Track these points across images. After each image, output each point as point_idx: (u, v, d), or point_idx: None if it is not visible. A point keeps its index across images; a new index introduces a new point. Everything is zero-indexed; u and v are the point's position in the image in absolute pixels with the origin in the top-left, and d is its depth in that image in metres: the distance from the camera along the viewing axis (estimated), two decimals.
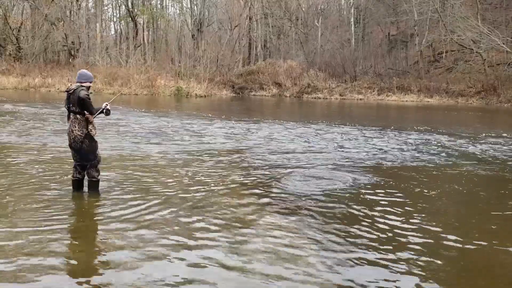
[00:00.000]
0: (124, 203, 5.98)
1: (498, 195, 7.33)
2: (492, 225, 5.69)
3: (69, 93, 6.10)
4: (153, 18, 49.03)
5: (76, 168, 6.35)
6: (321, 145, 11.83)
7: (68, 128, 6.18)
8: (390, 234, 5.19)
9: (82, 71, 6.34)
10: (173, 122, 16.06)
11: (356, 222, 5.55)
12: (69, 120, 6.16)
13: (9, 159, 8.62)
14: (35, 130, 12.96)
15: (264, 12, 50.47)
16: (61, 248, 4.50)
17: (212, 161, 9.17)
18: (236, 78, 41.61)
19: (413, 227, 5.45)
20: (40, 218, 5.29)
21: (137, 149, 10.35)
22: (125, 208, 5.76)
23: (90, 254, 4.49)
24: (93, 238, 4.97)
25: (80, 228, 5.25)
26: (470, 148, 11.93)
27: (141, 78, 31.55)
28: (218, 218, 5.55)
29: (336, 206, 6.21)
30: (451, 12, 40.42)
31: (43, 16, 43.76)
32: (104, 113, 6.35)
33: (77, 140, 6.09)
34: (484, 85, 35.71)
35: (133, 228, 5.08)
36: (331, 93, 38.80)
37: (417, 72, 40.69)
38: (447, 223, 5.72)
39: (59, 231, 4.93)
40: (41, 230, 4.93)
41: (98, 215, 5.64)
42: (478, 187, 7.80)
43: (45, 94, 31.36)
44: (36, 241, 4.60)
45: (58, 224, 5.14)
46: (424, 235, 5.18)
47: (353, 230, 5.26)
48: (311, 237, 5.03)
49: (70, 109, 6.09)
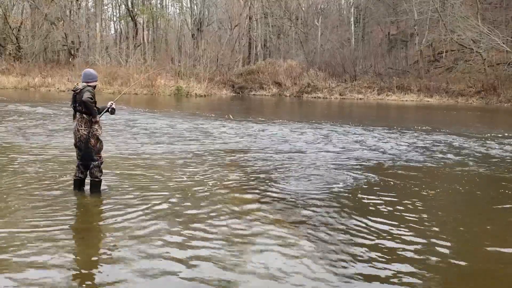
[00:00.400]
0: (125, 202, 5.99)
1: (498, 194, 7.33)
2: (493, 225, 5.70)
3: (75, 93, 6.12)
4: (153, 17, 49.03)
5: (79, 168, 6.36)
6: (322, 145, 11.83)
7: (74, 127, 6.21)
8: (390, 235, 5.19)
9: (88, 71, 6.36)
10: (188, 123, 16.00)
11: (358, 222, 5.56)
12: (75, 119, 6.18)
13: (10, 159, 8.62)
14: (36, 129, 12.95)
15: (264, 12, 50.47)
16: (62, 247, 4.50)
17: (219, 160, 9.18)
18: (236, 78, 41.61)
19: (413, 227, 5.45)
20: (40, 217, 5.30)
21: (154, 149, 10.35)
22: (126, 208, 5.76)
23: (91, 252, 4.50)
24: (94, 237, 4.98)
25: (80, 227, 5.25)
26: (471, 147, 11.93)
27: (143, 75, 31.51)
28: (220, 218, 5.55)
29: (338, 205, 6.22)
30: (451, 12, 40.42)
31: (43, 15, 43.76)
32: (109, 112, 6.38)
33: (83, 139, 6.11)
34: (484, 84, 35.72)
35: (134, 228, 5.09)
36: (331, 92, 38.81)
37: (417, 72, 40.70)
38: (448, 224, 5.72)
39: (59, 230, 4.93)
40: (42, 229, 4.93)
41: (99, 214, 5.65)
42: (479, 186, 7.81)
43: (45, 94, 31.36)
44: (36, 240, 4.61)
45: (58, 223, 5.15)
46: (424, 235, 5.18)
47: (352, 231, 5.27)
48: (313, 240, 5.04)
49: (77, 109, 6.12)
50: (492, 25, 37.20)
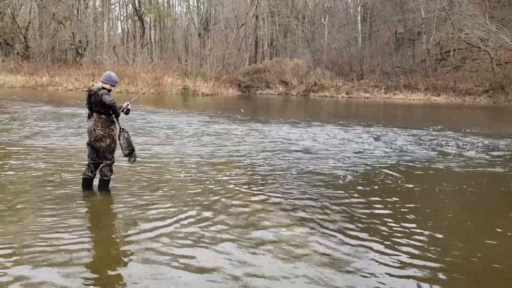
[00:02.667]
0: (134, 201, 6.02)
1: (508, 192, 7.29)
2: (501, 226, 5.67)
3: (90, 94, 6.15)
4: (159, 16, 49.13)
5: (89, 166, 6.40)
6: (331, 144, 11.82)
7: (89, 126, 6.24)
8: (396, 233, 5.19)
9: (109, 73, 6.36)
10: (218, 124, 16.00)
11: (363, 221, 5.56)
12: (90, 119, 6.22)
13: (20, 157, 8.68)
14: (45, 129, 13.03)
15: (270, 10, 50.45)
16: (69, 245, 4.53)
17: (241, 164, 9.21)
18: (243, 77, 41.62)
19: (420, 225, 5.44)
20: (48, 215, 5.33)
21: (163, 149, 10.39)
22: (136, 207, 5.79)
23: (99, 251, 4.52)
24: (102, 236, 5.00)
25: (88, 225, 5.29)
26: (486, 146, 11.86)
27: (154, 83, 31.72)
28: (228, 216, 5.57)
29: (339, 204, 6.23)
30: (458, 10, 40.17)
31: (51, 15, 43.96)
32: (124, 113, 6.43)
33: (98, 138, 6.16)
34: (492, 83, 35.51)
35: (143, 227, 5.11)
36: (338, 91, 38.73)
37: (424, 71, 40.52)
38: (456, 223, 5.71)
39: (68, 228, 4.96)
40: (50, 226, 4.97)
41: (107, 213, 5.69)
42: (488, 186, 7.78)
43: (53, 93, 31.51)
44: (45, 238, 4.65)
45: (66, 221, 5.18)
46: (430, 233, 5.17)
47: (356, 228, 5.27)
48: (320, 241, 5.04)
49: (94, 109, 6.15)
50: (500, 23, 36.94)
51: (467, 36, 37.71)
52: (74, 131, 12.65)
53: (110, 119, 6.25)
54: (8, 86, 34.64)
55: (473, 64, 38.73)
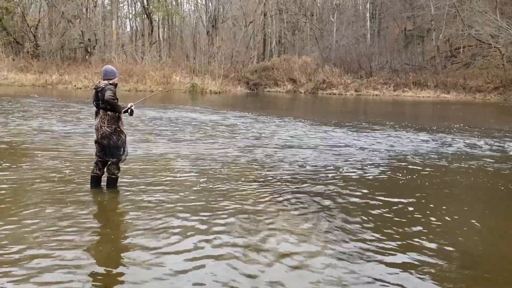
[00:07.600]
0: (142, 198, 6.02)
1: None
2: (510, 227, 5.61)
3: (97, 91, 6.17)
4: (168, 15, 49.26)
5: (97, 164, 6.41)
6: (339, 142, 11.77)
7: (96, 123, 6.25)
8: (403, 232, 5.15)
9: (108, 67, 6.37)
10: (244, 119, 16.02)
11: (370, 219, 5.52)
12: (98, 116, 6.23)
13: (30, 154, 8.73)
14: (56, 125, 13.10)
15: (279, 8, 50.35)
16: (77, 243, 4.53)
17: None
18: (251, 74, 41.60)
19: (428, 224, 5.39)
20: (56, 213, 5.35)
21: (172, 149, 10.41)
22: (143, 206, 5.79)
23: (106, 250, 4.52)
24: (109, 234, 5.00)
25: (96, 223, 5.29)
26: (503, 146, 11.75)
27: (163, 90, 31.70)
28: (238, 215, 5.56)
29: (346, 202, 6.19)
30: (468, 6, 39.81)
31: (60, 13, 44.27)
32: (128, 113, 6.42)
33: (105, 136, 6.17)
34: (503, 80, 35.17)
35: (151, 225, 5.11)
36: (347, 89, 38.58)
37: (433, 68, 40.25)
38: (467, 224, 5.65)
39: (76, 226, 4.97)
40: (59, 224, 4.98)
41: (115, 211, 5.69)
42: (502, 185, 7.70)
43: (63, 91, 31.70)
44: (53, 235, 4.66)
45: (73, 219, 5.20)
46: (439, 233, 5.12)
47: (360, 225, 5.24)
48: (328, 241, 5.02)
49: (100, 106, 6.17)
50: (511, 20, 36.55)
51: (477, 32, 37.37)
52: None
53: (117, 116, 6.23)
54: (18, 85, 34.93)
55: (483, 61, 38.36)
